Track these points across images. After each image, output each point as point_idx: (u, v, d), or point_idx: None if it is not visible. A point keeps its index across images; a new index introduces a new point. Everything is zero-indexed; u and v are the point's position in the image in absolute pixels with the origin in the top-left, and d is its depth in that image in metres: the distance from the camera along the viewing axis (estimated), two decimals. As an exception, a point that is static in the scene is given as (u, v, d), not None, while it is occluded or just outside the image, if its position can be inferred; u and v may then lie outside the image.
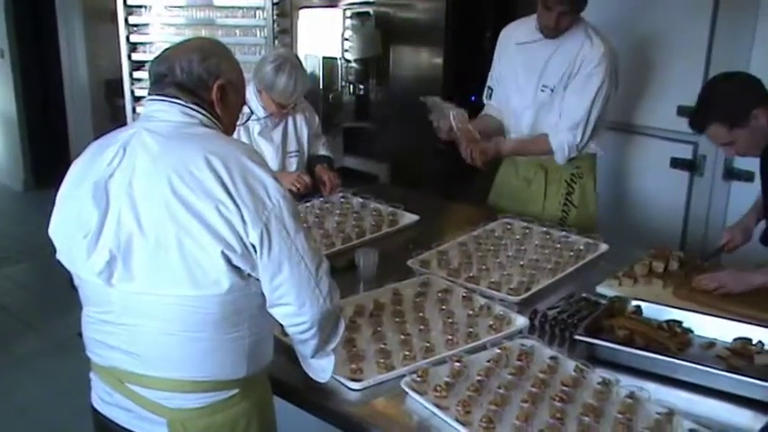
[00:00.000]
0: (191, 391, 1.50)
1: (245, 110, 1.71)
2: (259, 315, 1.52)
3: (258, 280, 1.47)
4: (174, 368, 1.49)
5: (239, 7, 4.33)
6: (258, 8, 4.28)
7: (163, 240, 1.41)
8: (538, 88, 2.80)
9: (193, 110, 1.52)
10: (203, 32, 4.26)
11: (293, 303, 1.51)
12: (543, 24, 2.73)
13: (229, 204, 1.40)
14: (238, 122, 1.66)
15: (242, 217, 1.40)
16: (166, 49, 1.59)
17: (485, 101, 3.05)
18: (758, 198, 2.46)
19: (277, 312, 1.53)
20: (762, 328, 1.92)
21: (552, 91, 2.78)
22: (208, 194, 1.40)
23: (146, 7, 4.32)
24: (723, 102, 2.12)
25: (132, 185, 1.44)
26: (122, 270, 1.44)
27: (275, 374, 1.69)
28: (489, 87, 3.02)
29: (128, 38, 4.34)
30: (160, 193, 1.41)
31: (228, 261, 1.41)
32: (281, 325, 1.58)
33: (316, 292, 1.51)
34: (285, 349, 1.79)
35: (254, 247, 1.42)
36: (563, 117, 2.79)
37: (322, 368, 1.67)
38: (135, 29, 4.36)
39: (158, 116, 1.52)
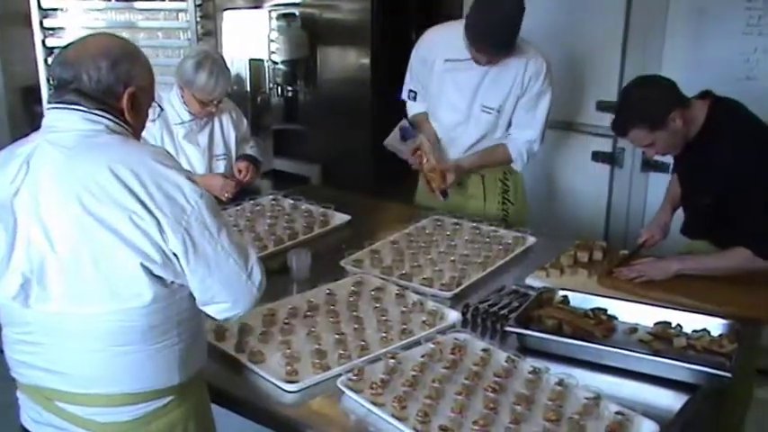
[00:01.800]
0: (123, 404, 1.46)
1: (155, 105, 1.62)
2: (188, 319, 1.49)
3: (183, 286, 1.44)
4: (104, 384, 1.44)
5: (161, 9, 4.23)
6: (180, 10, 4.18)
7: (77, 258, 1.36)
8: (474, 107, 2.74)
9: (97, 115, 1.43)
10: (124, 35, 4.14)
11: (227, 300, 1.49)
12: (474, 58, 2.62)
13: (143, 214, 1.35)
14: (149, 118, 1.58)
15: (159, 225, 1.36)
16: (67, 47, 1.48)
17: (406, 99, 2.95)
18: (669, 189, 2.57)
19: (210, 310, 1.51)
20: (680, 312, 2.01)
21: (498, 112, 2.74)
22: (118, 206, 1.35)
23: (62, 9, 4.17)
24: (642, 106, 2.20)
25: (39, 203, 1.37)
26: (38, 292, 1.38)
27: (210, 380, 1.67)
28: (412, 91, 2.92)
29: (44, 42, 4.18)
30: (69, 208, 1.36)
31: (149, 272, 1.37)
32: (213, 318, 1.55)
33: (248, 285, 1.50)
34: (220, 355, 1.78)
35: (175, 254, 1.39)
36: (518, 129, 2.78)
37: None
38: (51, 33, 4.20)
39: (59, 126, 1.44)
